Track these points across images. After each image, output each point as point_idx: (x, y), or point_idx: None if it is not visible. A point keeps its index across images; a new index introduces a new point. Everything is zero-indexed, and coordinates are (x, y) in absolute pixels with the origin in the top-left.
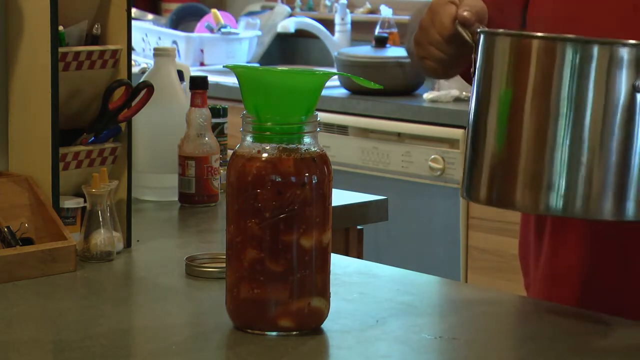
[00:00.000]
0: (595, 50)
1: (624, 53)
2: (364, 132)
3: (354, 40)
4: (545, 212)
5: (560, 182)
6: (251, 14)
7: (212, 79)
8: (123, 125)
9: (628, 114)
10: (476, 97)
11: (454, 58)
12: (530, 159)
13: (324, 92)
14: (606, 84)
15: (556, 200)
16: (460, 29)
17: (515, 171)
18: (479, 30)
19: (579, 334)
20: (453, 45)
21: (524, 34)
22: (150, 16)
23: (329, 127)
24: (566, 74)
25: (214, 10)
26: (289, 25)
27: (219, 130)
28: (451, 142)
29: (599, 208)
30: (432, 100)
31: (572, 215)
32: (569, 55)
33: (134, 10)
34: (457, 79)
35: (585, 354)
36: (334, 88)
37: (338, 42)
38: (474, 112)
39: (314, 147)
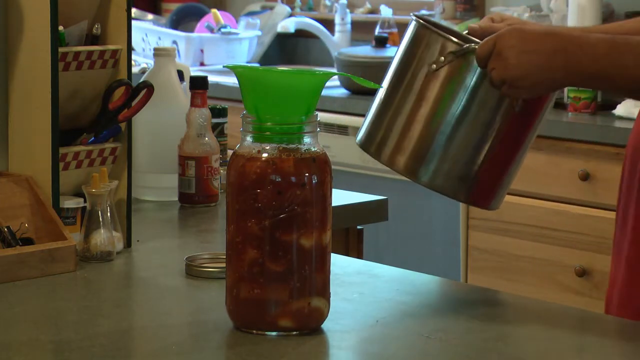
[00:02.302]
0: (430, 37)
1: (436, 41)
2: None
3: (354, 40)
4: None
5: (426, 154)
6: (251, 14)
7: (212, 79)
8: (123, 125)
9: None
10: (394, 66)
11: None
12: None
13: (324, 92)
14: (433, 67)
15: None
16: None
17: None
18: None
19: (579, 334)
20: None
21: (423, 22)
22: (150, 16)
23: (329, 127)
24: (420, 59)
25: (214, 10)
26: (289, 25)
27: (219, 130)
28: None
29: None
30: None
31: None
32: (425, 42)
33: (134, 10)
34: None
35: (586, 354)
36: (334, 88)
37: (338, 42)
38: (391, 78)
39: (314, 147)
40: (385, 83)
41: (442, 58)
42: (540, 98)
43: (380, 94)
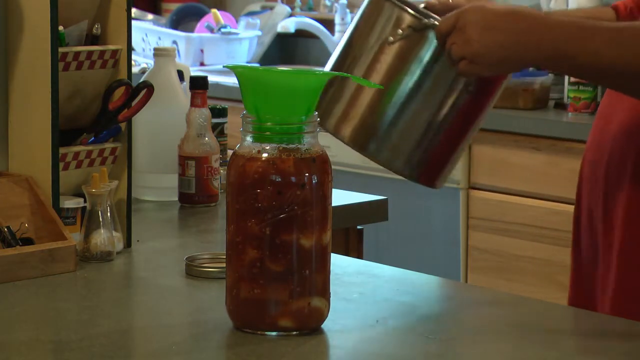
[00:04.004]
0: (389, 9)
1: (394, 11)
2: None
3: None
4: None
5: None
6: (251, 14)
7: (212, 79)
8: (123, 125)
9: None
10: (349, 33)
11: None
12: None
13: None
14: (389, 37)
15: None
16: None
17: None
18: None
19: (579, 334)
20: None
21: None
22: (150, 16)
23: None
24: (377, 30)
25: (214, 10)
26: (289, 25)
27: (219, 130)
28: None
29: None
30: None
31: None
32: (383, 14)
33: (134, 10)
34: None
35: (586, 354)
36: None
37: (338, 42)
38: (344, 45)
39: (314, 147)
40: (339, 49)
41: (400, 31)
42: (495, 79)
43: (333, 59)
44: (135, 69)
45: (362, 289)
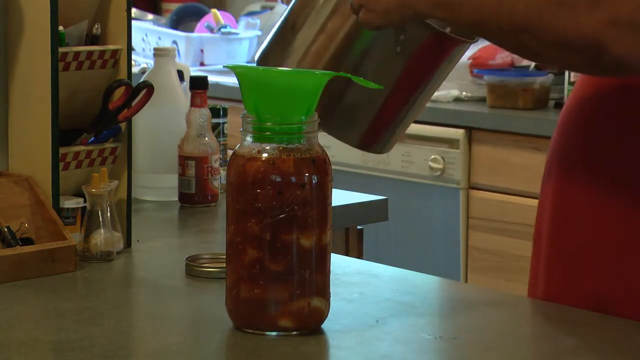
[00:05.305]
0: None
1: None
2: None
3: None
4: None
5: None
6: (251, 14)
7: (212, 79)
8: (123, 125)
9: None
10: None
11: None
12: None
13: None
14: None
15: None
16: None
17: None
18: None
19: (579, 334)
20: None
21: None
22: (150, 16)
23: None
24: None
25: (214, 10)
26: None
27: (219, 130)
28: (451, 142)
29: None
30: (432, 100)
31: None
32: None
33: (134, 10)
34: (456, 79)
35: (586, 354)
36: None
37: None
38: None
39: (314, 147)
40: (290, 4)
41: None
42: (429, 44)
43: (286, 12)
44: (135, 69)
45: (362, 289)
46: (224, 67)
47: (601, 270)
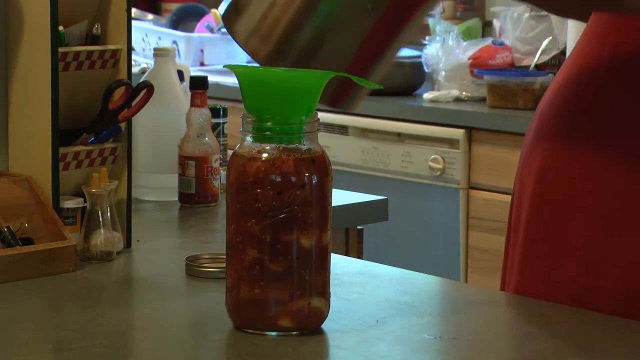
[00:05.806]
0: None
1: None
2: (364, 132)
3: None
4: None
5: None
6: None
7: (212, 79)
8: (123, 125)
9: None
10: None
11: None
12: None
13: None
14: None
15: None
16: None
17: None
18: None
19: (579, 334)
20: None
21: None
22: (150, 16)
23: (329, 127)
24: None
25: (214, 10)
26: None
27: (219, 130)
28: (451, 142)
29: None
30: (432, 100)
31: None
32: None
33: (134, 10)
34: (456, 79)
35: (586, 354)
36: None
37: None
38: None
39: (314, 147)
40: None
41: None
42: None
43: None
44: (135, 69)
45: (362, 289)
46: (224, 67)
47: (581, 255)
